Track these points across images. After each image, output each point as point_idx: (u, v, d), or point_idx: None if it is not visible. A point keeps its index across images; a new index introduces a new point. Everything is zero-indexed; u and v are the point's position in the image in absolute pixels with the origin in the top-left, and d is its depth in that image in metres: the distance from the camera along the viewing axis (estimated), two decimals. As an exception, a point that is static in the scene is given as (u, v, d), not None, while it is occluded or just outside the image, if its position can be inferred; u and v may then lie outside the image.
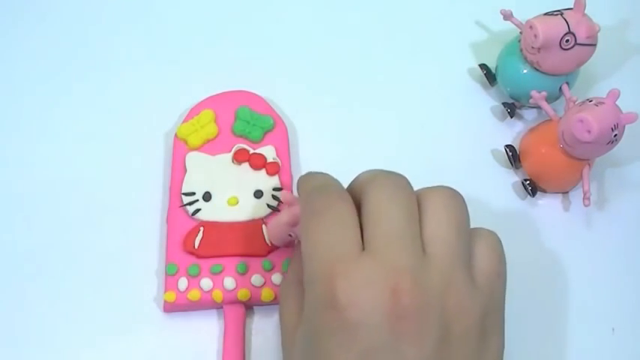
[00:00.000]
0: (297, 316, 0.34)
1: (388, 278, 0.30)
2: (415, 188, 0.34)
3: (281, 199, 0.38)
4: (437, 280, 0.31)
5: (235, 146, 0.43)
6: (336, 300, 0.30)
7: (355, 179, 0.35)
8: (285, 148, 0.44)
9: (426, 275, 0.31)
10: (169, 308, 0.40)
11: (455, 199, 0.34)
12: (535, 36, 0.42)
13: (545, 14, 0.43)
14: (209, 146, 0.44)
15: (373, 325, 0.30)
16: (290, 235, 0.39)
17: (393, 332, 0.30)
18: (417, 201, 0.33)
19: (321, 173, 0.36)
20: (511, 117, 0.47)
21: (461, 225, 0.33)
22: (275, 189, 0.42)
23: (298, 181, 0.37)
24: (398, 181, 0.34)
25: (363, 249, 0.32)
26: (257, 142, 0.44)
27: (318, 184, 0.35)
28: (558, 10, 0.43)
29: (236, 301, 0.40)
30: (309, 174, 0.37)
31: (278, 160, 0.43)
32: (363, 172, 0.35)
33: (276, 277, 0.40)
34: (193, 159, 0.43)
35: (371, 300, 0.30)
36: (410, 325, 0.30)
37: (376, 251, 0.31)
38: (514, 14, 0.46)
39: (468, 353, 0.31)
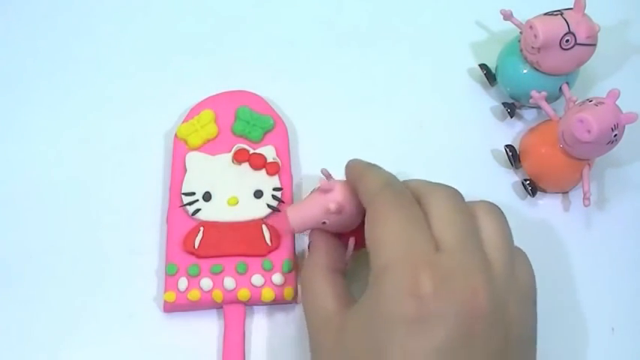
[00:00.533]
0: (336, 300, 0.35)
1: (467, 277, 0.32)
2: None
3: (321, 186, 0.38)
4: (501, 285, 0.33)
5: (235, 146, 0.43)
6: (420, 288, 0.31)
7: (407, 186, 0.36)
8: (285, 148, 0.44)
9: (493, 279, 0.32)
10: (169, 308, 0.40)
11: (501, 214, 0.36)
12: (535, 36, 0.42)
13: (545, 14, 0.43)
14: (209, 146, 0.44)
15: (452, 320, 0.30)
16: (324, 223, 0.38)
17: (467, 329, 0.31)
18: None
19: (378, 167, 0.37)
20: (511, 117, 0.47)
21: (510, 237, 0.35)
22: (275, 189, 0.42)
23: (356, 168, 0.38)
24: (457, 193, 0.36)
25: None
26: (257, 142, 0.44)
27: (387, 179, 0.36)
28: (558, 10, 0.43)
29: (236, 301, 0.40)
30: (368, 166, 0.38)
31: (278, 160, 0.43)
32: (412, 180, 0.37)
33: (276, 277, 0.40)
34: (193, 159, 0.43)
35: (454, 294, 0.31)
36: (482, 325, 0.31)
37: (452, 251, 0.32)
38: (514, 14, 0.46)
39: (520, 353, 0.33)
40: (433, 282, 0.31)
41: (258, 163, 0.43)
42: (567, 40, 0.43)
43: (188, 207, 0.42)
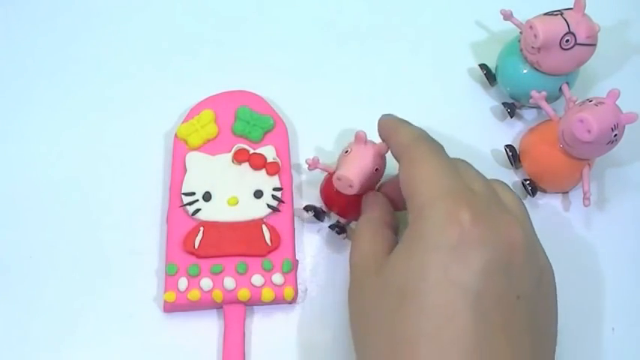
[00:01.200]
0: (382, 246, 0.37)
1: (502, 215, 0.34)
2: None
3: (357, 137, 0.40)
4: (530, 233, 0.35)
5: (235, 146, 0.43)
6: (461, 218, 0.33)
7: None
8: (285, 148, 0.44)
9: (523, 224, 0.35)
10: (169, 308, 0.40)
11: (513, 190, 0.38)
12: (535, 36, 0.42)
13: (545, 14, 0.43)
14: (209, 146, 0.44)
15: (491, 247, 0.33)
16: (377, 170, 0.40)
17: (506, 259, 0.33)
18: None
19: (409, 122, 0.39)
20: (511, 117, 0.47)
21: (526, 208, 0.37)
22: (275, 189, 0.42)
23: (388, 122, 0.40)
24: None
25: None
26: (257, 142, 0.44)
27: (420, 131, 0.38)
28: (558, 10, 0.43)
29: (236, 301, 0.40)
30: (400, 121, 0.40)
31: (278, 160, 0.43)
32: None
33: (276, 277, 0.40)
34: (193, 159, 0.43)
35: (492, 226, 0.33)
36: (519, 259, 0.33)
37: (484, 195, 0.35)
38: (514, 14, 0.46)
39: (549, 308, 0.36)
40: (472, 214, 0.33)
41: (258, 163, 0.43)
42: (567, 40, 0.43)
43: (188, 207, 0.42)
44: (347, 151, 0.40)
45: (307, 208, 0.43)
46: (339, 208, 0.42)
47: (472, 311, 0.31)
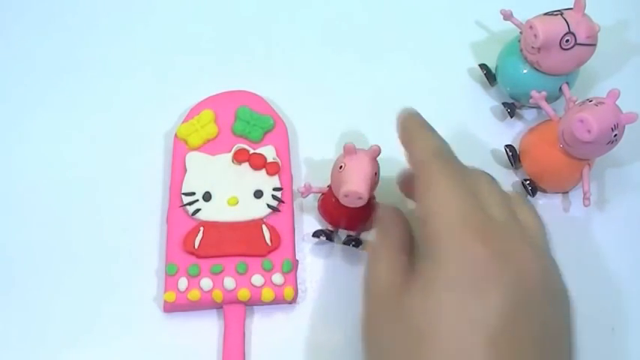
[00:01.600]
0: (399, 273, 0.35)
1: (519, 248, 0.33)
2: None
3: (346, 150, 0.39)
4: (548, 262, 0.35)
5: (235, 146, 0.43)
6: (477, 253, 0.32)
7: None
8: (285, 148, 0.44)
9: (540, 253, 0.35)
10: (169, 308, 0.40)
11: (532, 205, 0.39)
12: (535, 36, 0.42)
13: (545, 14, 0.44)
14: (209, 146, 0.44)
15: (509, 284, 0.32)
16: (375, 174, 0.40)
17: (525, 295, 0.32)
18: None
19: (428, 131, 0.38)
20: (511, 117, 0.47)
21: (544, 226, 0.37)
22: (275, 189, 0.42)
23: (407, 130, 0.39)
24: (495, 179, 0.38)
25: None
26: (257, 142, 0.44)
27: (437, 147, 0.37)
28: (558, 10, 0.43)
29: (236, 301, 0.40)
30: (420, 129, 0.39)
31: (278, 160, 0.43)
32: None
33: (276, 277, 0.40)
34: (193, 159, 0.43)
35: (509, 261, 0.32)
36: (538, 294, 0.33)
37: (502, 225, 0.34)
38: (514, 14, 0.46)
39: (566, 333, 0.34)
40: (488, 249, 0.32)
41: (258, 163, 0.43)
42: (567, 40, 0.43)
43: (188, 207, 0.42)
44: (341, 167, 0.39)
45: (317, 234, 0.42)
46: (346, 222, 0.42)
47: (492, 348, 0.31)
